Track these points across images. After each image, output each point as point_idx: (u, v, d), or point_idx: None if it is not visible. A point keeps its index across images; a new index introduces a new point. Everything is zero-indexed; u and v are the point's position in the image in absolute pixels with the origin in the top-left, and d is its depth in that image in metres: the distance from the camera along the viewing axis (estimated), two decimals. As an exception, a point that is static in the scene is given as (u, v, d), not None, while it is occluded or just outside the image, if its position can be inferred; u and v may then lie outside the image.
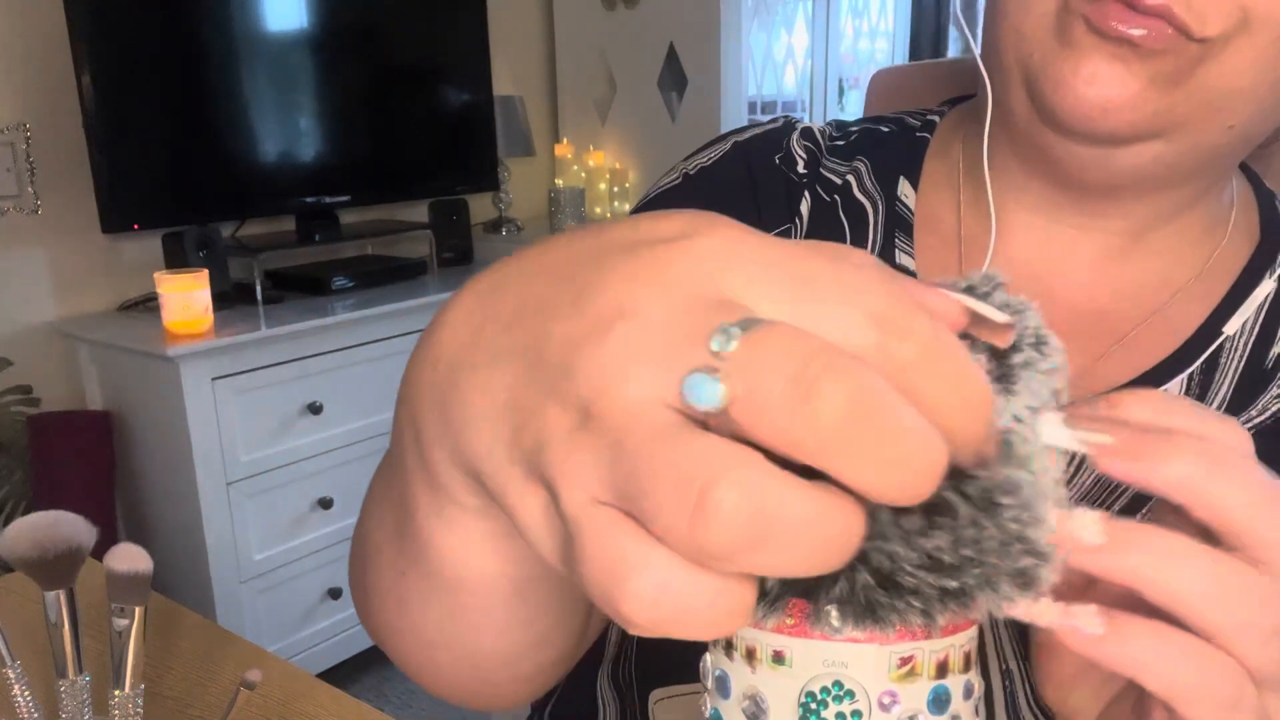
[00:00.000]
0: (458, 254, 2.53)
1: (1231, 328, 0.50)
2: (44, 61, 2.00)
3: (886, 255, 0.54)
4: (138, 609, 0.54)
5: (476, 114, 2.58)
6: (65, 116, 2.00)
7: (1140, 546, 0.26)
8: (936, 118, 0.59)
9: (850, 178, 0.57)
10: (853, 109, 3.09)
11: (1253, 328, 0.50)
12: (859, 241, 0.55)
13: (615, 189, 2.91)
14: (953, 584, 0.23)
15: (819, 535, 0.19)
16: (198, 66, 2.09)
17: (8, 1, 1.96)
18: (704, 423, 0.19)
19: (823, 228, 0.56)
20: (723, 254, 0.21)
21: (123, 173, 1.97)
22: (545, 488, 0.22)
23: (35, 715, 0.56)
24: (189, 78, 2.08)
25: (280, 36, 2.23)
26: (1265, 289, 0.51)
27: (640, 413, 0.19)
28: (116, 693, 0.55)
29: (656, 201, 0.60)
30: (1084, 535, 0.26)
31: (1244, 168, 0.55)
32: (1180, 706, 0.26)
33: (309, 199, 2.31)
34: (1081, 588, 0.29)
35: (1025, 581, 0.24)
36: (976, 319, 0.24)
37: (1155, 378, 0.49)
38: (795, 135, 0.60)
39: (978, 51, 0.50)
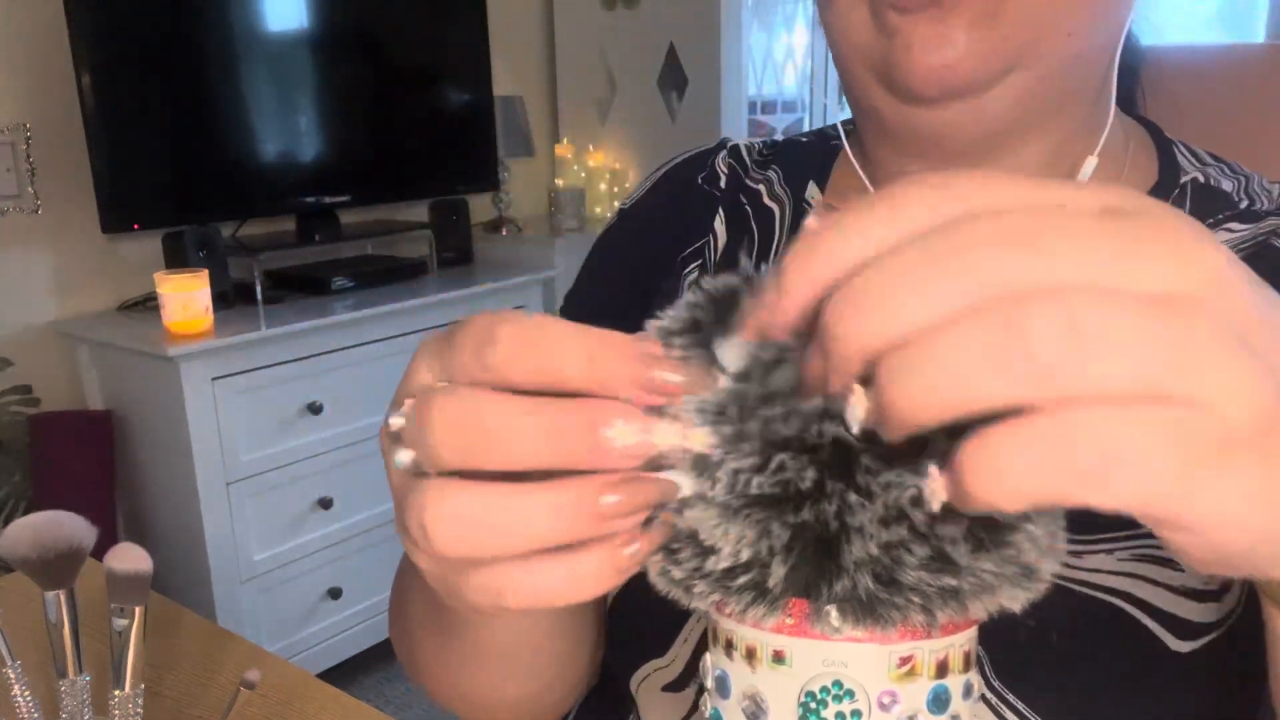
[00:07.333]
0: (458, 254, 2.53)
1: None
2: (44, 61, 2.00)
3: None
4: (138, 609, 0.54)
5: (476, 114, 2.58)
6: (65, 116, 2.00)
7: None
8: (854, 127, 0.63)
9: (761, 186, 0.61)
10: (853, 109, 3.09)
11: None
12: (766, 243, 0.58)
13: (615, 189, 2.91)
14: (952, 583, 0.23)
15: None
16: (198, 66, 2.09)
17: (8, 1, 1.96)
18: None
19: (737, 237, 0.59)
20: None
21: (123, 173, 1.97)
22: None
23: (35, 715, 0.56)
24: (189, 78, 2.08)
25: (280, 36, 2.23)
26: None
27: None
28: (116, 693, 0.55)
29: (600, 240, 0.65)
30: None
31: (1144, 120, 0.57)
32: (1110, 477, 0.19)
33: (309, 199, 2.31)
34: None
35: (1024, 583, 0.24)
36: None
37: None
38: (722, 154, 0.63)
39: None
